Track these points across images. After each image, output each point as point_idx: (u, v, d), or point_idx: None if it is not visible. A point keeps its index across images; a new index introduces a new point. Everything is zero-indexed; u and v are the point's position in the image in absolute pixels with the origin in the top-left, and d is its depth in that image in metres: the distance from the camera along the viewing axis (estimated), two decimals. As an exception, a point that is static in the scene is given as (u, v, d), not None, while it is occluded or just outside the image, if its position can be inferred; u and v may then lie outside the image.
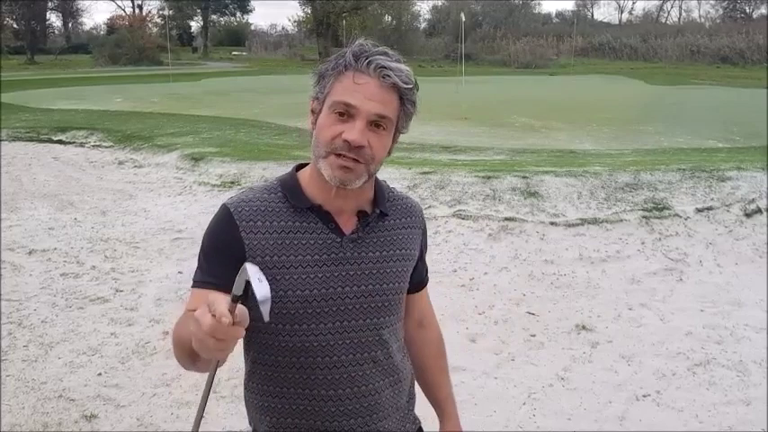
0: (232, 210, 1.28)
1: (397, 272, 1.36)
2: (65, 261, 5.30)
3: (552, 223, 5.61)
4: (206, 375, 1.15)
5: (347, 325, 1.30)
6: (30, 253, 5.50)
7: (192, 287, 1.30)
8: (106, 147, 10.18)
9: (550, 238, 5.42)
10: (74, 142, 10.69)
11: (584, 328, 4.09)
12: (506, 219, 5.68)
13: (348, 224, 1.32)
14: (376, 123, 1.22)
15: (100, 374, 3.53)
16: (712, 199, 5.81)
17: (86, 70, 38.29)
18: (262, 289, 0.96)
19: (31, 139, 11.07)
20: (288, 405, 1.32)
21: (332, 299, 1.28)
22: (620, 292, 4.63)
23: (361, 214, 1.33)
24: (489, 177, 6.38)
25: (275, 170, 7.39)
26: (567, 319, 4.22)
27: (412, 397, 1.48)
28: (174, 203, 7.00)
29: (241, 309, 0.99)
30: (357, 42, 1.24)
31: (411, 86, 1.24)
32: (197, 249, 1.37)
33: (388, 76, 1.21)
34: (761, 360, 3.65)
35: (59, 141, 10.83)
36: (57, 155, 10.02)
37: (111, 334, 4.02)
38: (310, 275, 1.27)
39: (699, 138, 11.02)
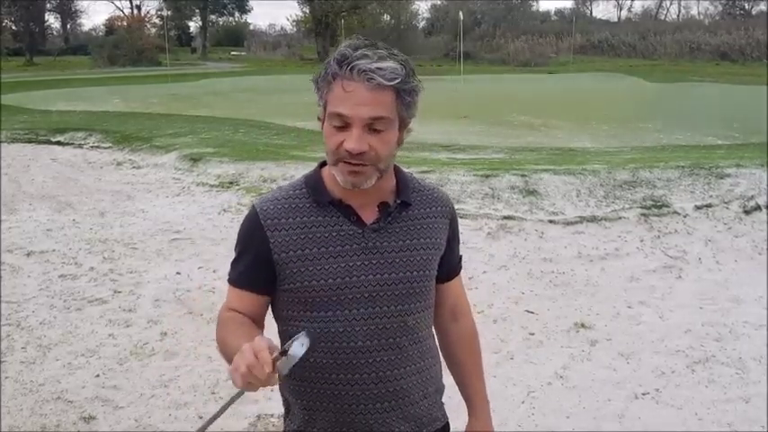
0: (258, 209, 1.36)
1: (423, 260, 1.39)
2: (63, 262, 5.29)
3: (551, 221, 5.60)
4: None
5: (371, 312, 1.34)
6: (28, 254, 5.49)
7: (228, 282, 1.42)
8: (105, 148, 10.18)
9: (549, 237, 5.41)
10: (72, 143, 10.69)
11: (583, 326, 4.08)
12: (505, 217, 5.67)
13: (370, 216, 1.36)
14: (372, 126, 1.24)
15: (98, 376, 3.52)
16: (711, 196, 5.81)
17: (85, 71, 38.27)
18: (297, 349, 1.11)
19: (29, 141, 11.07)
20: (316, 389, 1.37)
21: (355, 287, 1.33)
22: (619, 290, 4.63)
23: (383, 205, 1.37)
24: (488, 176, 6.37)
25: (274, 170, 7.39)
26: (566, 317, 4.21)
27: (441, 387, 1.51)
28: (172, 204, 6.99)
29: (282, 362, 1.10)
30: (341, 46, 1.25)
31: (399, 79, 1.23)
32: (195, 250, 1.41)
33: (372, 78, 1.21)
34: (760, 357, 3.64)
35: (58, 143, 10.83)
36: (55, 156, 10.01)
37: (110, 335, 4.01)
38: (333, 266, 1.32)
39: (698, 135, 11.03)
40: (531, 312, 4.29)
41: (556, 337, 3.95)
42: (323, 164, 1.41)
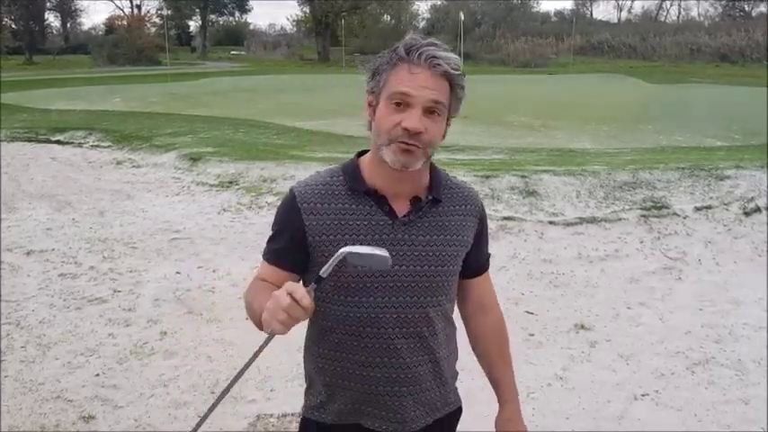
0: (296, 193, 1.42)
1: (448, 256, 1.44)
2: (63, 261, 5.29)
3: (551, 222, 5.61)
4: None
5: (395, 301, 1.41)
6: (28, 254, 5.48)
7: (262, 258, 1.49)
8: (104, 147, 10.17)
9: (549, 238, 5.41)
10: (72, 142, 10.68)
11: (582, 327, 4.08)
12: (505, 218, 5.67)
13: (402, 208, 1.41)
14: (431, 110, 1.31)
15: (98, 375, 3.52)
16: (711, 198, 5.81)
17: (85, 70, 38.25)
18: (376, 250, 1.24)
19: (29, 140, 11.05)
20: (340, 368, 1.45)
21: (382, 276, 1.39)
22: (618, 291, 4.63)
23: (416, 199, 1.42)
24: (488, 177, 6.37)
25: (274, 170, 7.38)
26: (566, 318, 4.21)
27: (455, 374, 1.59)
28: (171, 203, 6.99)
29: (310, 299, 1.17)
30: (408, 37, 1.35)
31: (460, 72, 1.34)
32: (195, 249, 1.42)
33: (439, 64, 1.30)
34: (760, 359, 3.64)
35: (57, 142, 10.81)
36: (55, 155, 10.00)
37: (109, 335, 4.01)
38: None
39: (698, 136, 11.03)
40: (531, 313, 4.29)
41: (555, 338, 3.95)
42: (360, 154, 1.47)
